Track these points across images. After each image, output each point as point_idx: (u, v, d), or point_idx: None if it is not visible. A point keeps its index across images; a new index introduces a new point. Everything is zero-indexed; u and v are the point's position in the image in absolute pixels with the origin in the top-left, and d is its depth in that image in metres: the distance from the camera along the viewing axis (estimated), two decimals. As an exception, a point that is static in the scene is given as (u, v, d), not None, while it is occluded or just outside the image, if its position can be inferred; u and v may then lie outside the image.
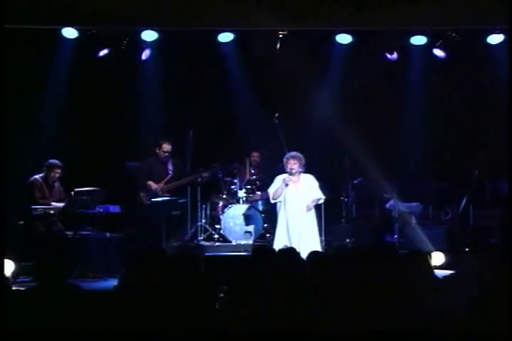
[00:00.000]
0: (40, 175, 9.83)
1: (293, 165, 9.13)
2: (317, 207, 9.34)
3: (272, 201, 9.33)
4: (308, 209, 9.15)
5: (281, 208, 9.20)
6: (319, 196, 9.24)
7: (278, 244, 8.86)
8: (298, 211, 9.12)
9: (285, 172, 9.53)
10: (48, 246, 9.38)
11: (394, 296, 4.78)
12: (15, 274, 8.39)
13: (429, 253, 5.62)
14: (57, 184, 9.92)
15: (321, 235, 9.48)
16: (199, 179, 10.48)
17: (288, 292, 4.94)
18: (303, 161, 9.18)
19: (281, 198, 9.18)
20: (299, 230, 9.03)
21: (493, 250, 5.90)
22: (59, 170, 9.82)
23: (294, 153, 9.23)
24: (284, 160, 9.24)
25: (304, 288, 5.02)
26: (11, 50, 9.72)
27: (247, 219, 10.74)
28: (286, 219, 9.09)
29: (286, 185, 9.11)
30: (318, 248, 8.92)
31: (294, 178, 9.18)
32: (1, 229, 6.85)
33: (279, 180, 9.24)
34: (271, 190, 9.27)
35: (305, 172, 9.29)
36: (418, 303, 4.69)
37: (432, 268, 5.43)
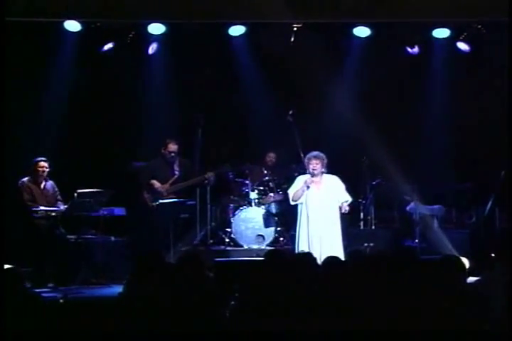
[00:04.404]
0: (28, 177, 9.65)
1: (315, 165, 9.06)
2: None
3: (292, 203, 9.27)
4: (346, 211, 9.11)
5: (302, 210, 9.14)
6: (346, 198, 9.17)
7: (300, 248, 8.83)
8: (319, 213, 9.05)
9: (299, 172, 9.49)
10: (49, 250, 9.39)
11: (415, 302, 4.80)
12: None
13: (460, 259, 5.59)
14: (49, 183, 9.74)
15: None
16: (205, 181, 10.43)
17: (302, 299, 4.92)
18: (325, 161, 9.12)
19: (301, 200, 9.12)
20: (319, 233, 8.97)
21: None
22: (44, 165, 9.61)
23: (316, 153, 9.16)
24: (306, 160, 9.17)
25: (318, 295, 5.00)
26: (10, 45, 9.75)
27: (260, 222, 10.72)
28: (307, 221, 9.02)
29: (308, 187, 9.04)
30: (341, 253, 8.80)
31: (315, 179, 9.11)
32: (1, 229, 6.85)
33: (300, 180, 9.16)
34: (291, 191, 9.20)
35: (327, 172, 9.23)
36: (447, 307, 4.72)
37: (465, 275, 5.42)
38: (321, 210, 9.07)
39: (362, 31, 10.91)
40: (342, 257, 8.58)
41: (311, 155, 9.16)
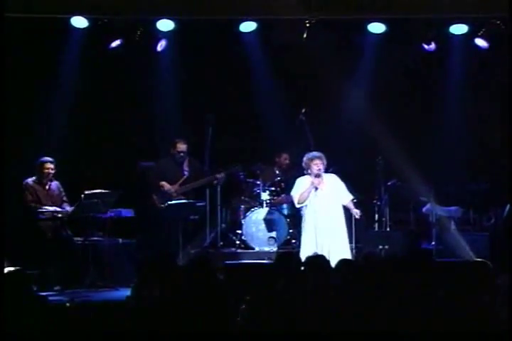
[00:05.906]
0: (33, 178, 9.64)
1: (319, 165, 9.10)
2: (346, 210, 9.29)
3: (298, 205, 9.29)
4: (359, 215, 9.23)
5: (308, 212, 9.16)
6: (349, 197, 9.24)
7: (305, 251, 8.83)
8: (325, 213, 9.09)
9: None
10: (55, 252, 9.42)
11: (431, 305, 4.81)
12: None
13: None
14: (54, 183, 9.73)
15: (351, 242, 9.46)
16: (214, 181, 10.44)
17: (315, 303, 4.92)
18: (325, 161, 9.17)
19: (307, 202, 9.15)
20: (328, 235, 9.00)
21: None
22: (50, 166, 9.57)
23: (318, 153, 9.20)
24: (307, 161, 9.17)
25: (332, 299, 5.00)
26: (15, 42, 9.80)
27: (271, 223, 10.71)
28: (314, 223, 9.05)
29: (316, 188, 9.07)
30: (349, 255, 8.90)
31: (320, 180, 9.15)
32: (1, 229, 6.87)
33: (303, 182, 9.18)
34: (295, 194, 9.22)
35: (326, 172, 9.28)
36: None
37: (493, 279, 5.43)
38: (327, 210, 9.11)
39: (377, 27, 10.88)
40: (350, 256, 8.82)
41: (313, 156, 9.17)
